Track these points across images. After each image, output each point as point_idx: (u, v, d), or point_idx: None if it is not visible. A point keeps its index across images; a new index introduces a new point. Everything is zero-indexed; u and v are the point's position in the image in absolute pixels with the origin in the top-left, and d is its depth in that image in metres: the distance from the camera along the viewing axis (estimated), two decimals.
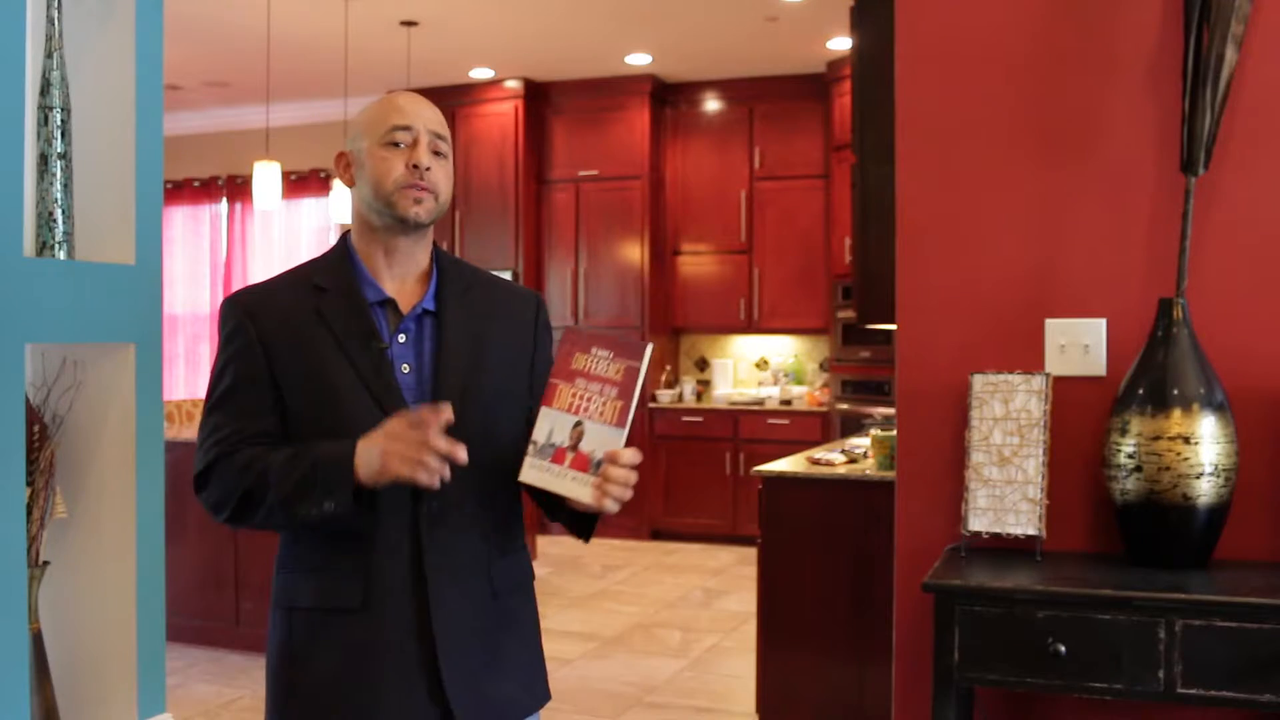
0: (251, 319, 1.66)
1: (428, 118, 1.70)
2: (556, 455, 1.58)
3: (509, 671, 1.73)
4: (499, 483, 1.68)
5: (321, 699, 1.63)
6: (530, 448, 1.59)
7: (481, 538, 1.69)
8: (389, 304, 1.70)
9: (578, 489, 1.56)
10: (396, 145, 1.67)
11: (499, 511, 1.73)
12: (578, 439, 1.57)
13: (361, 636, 1.61)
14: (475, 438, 1.59)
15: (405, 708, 1.62)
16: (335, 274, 1.70)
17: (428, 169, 1.67)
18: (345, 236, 1.76)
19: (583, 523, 1.71)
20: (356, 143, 1.71)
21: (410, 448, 1.50)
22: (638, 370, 1.57)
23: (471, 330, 1.72)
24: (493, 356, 1.72)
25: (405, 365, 1.67)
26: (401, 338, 1.68)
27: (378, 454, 1.52)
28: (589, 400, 1.58)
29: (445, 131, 1.73)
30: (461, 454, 1.51)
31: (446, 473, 1.52)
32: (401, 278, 1.72)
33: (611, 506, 1.57)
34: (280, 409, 1.65)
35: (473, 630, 1.67)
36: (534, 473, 1.59)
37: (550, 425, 1.59)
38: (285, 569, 1.69)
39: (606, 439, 1.56)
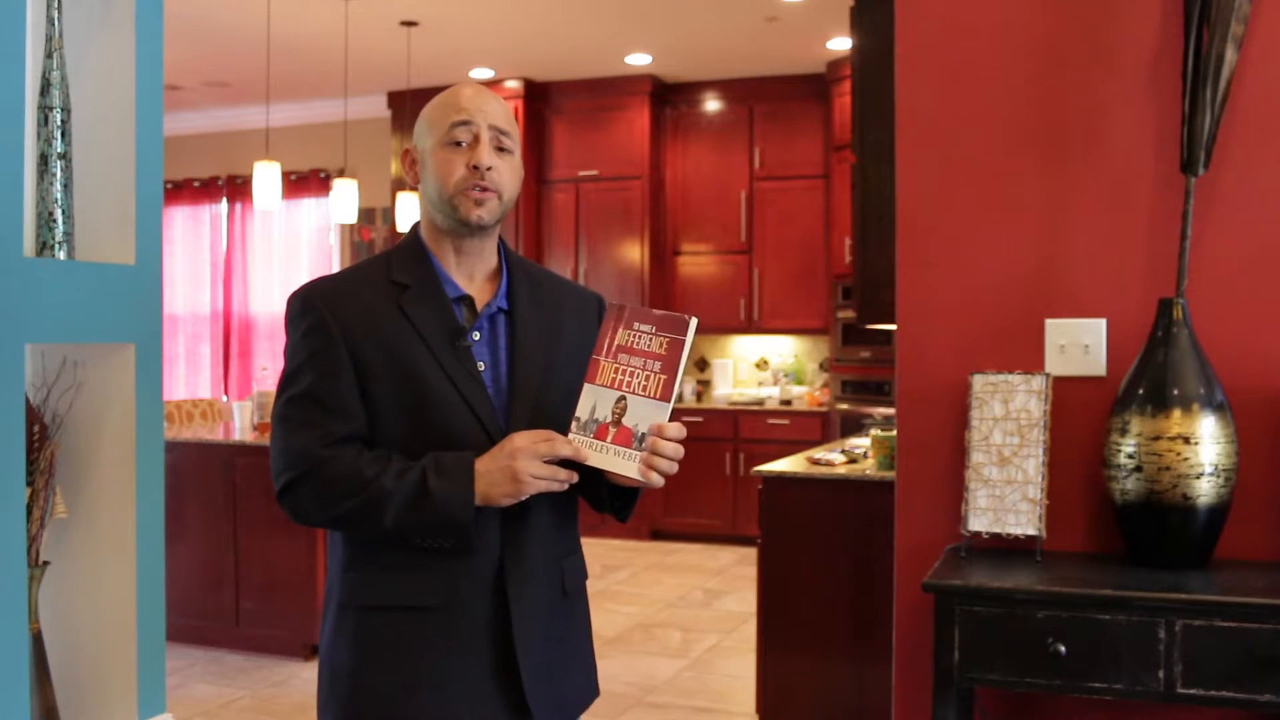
0: (333, 314, 1.62)
1: (490, 112, 1.66)
2: (599, 431, 1.57)
3: (576, 667, 1.75)
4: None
5: (397, 696, 1.61)
6: (573, 424, 1.59)
7: (554, 537, 1.71)
8: (465, 300, 1.69)
9: (622, 463, 1.56)
10: (458, 144, 1.64)
11: (569, 511, 1.74)
12: (620, 414, 1.56)
13: (442, 635, 1.61)
14: None
15: (481, 705, 1.62)
16: (414, 270, 1.67)
17: (489, 169, 1.63)
18: (416, 232, 1.73)
19: (619, 502, 1.71)
20: (421, 141, 1.68)
21: (522, 471, 1.55)
22: (682, 343, 1.56)
23: (543, 329, 1.71)
24: (564, 355, 1.71)
25: (480, 363, 1.66)
26: (476, 335, 1.67)
27: (493, 490, 1.56)
28: (632, 375, 1.57)
29: (510, 125, 1.68)
30: (562, 474, 1.58)
31: (556, 486, 1.59)
32: (471, 275, 1.71)
33: (657, 480, 1.56)
34: (365, 407, 1.62)
35: (547, 628, 1.68)
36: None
37: (593, 401, 1.58)
38: (356, 568, 1.66)
39: (650, 413, 1.55)
